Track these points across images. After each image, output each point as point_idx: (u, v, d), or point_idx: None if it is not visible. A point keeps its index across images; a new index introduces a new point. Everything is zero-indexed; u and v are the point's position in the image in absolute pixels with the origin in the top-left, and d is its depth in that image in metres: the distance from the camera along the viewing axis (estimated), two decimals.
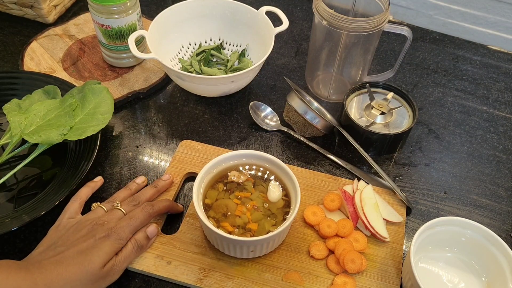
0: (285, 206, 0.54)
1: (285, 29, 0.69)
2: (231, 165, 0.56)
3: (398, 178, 0.64)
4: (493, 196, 0.63)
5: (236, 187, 0.55)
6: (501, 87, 0.78)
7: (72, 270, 0.46)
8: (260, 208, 0.53)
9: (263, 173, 0.56)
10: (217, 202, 0.53)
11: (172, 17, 0.72)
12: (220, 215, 0.52)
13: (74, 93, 0.62)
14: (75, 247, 0.47)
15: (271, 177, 0.56)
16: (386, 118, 0.66)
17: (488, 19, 0.86)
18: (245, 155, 0.56)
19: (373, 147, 0.65)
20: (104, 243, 0.48)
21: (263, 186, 0.55)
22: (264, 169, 0.56)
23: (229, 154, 0.55)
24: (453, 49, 0.83)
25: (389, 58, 0.81)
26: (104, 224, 0.50)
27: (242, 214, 0.53)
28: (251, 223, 0.52)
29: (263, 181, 0.55)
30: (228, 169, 0.56)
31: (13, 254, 0.53)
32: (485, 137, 0.70)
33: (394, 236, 0.56)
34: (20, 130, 0.58)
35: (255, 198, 0.54)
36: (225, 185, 0.55)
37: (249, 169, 0.56)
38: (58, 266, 0.45)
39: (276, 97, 0.73)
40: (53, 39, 0.77)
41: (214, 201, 0.53)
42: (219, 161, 0.55)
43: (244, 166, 0.56)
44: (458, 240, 0.54)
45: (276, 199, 0.54)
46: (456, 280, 0.53)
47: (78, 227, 0.50)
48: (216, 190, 0.54)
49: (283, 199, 0.54)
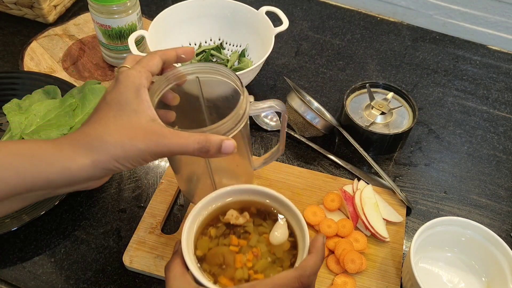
0: (291, 248, 0.44)
1: (285, 29, 0.69)
2: (225, 204, 0.46)
3: (398, 178, 0.64)
4: (493, 196, 0.63)
5: (232, 231, 0.44)
6: (501, 87, 0.78)
7: None
8: (264, 254, 0.43)
9: (263, 210, 0.46)
10: (210, 251, 0.43)
11: (172, 17, 0.71)
12: (216, 267, 0.42)
13: (74, 93, 0.62)
14: None
15: (274, 214, 0.45)
16: (386, 118, 0.66)
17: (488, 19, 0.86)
18: (240, 190, 0.46)
19: (373, 147, 0.65)
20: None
21: (264, 226, 0.45)
22: (263, 206, 0.46)
23: (222, 191, 0.45)
24: (453, 49, 0.83)
25: (389, 59, 0.81)
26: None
27: (242, 265, 0.43)
28: (256, 274, 0.42)
29: (263, 219, 0.45)
30: (221, 209, 0.45)
31: (13, 254, 0.53)
32: (485, 137, 0.70)
33: (394, 236, 0.56)
34: (20, 130, 0.58)
35: (256, 244, 0.44)
36: (217, 229, 0.44)
37: (247, 207, 0.46)
38: None
39: (276, 97, 0.73)
40: (53, 39, 0.77)
41: (206, 251, 0.43)
42: (210, 201, 0.44)
43: (241, 204, 0.46)
44: (458, 240, 0.54)
45: (282, 241, 0.44)
46: (456, 280, 0.53)
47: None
48: (207, 237, 0.44)
49: (289, 240, 0.44)
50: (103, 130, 0.38)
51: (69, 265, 0.53)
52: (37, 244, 0.54)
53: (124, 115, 0.38)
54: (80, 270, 0.53)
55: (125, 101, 0.39)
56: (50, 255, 0.54)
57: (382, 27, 0.87)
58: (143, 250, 0.53)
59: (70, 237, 0.55)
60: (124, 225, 0.57)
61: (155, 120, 0.39)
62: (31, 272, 0.52)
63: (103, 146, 0.37)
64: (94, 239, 0.55)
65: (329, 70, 0.78)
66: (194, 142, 0.38)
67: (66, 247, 0.54)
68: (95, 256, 0.54)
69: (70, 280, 0.52)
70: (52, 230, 0.56)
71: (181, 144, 0.38)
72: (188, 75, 0.46)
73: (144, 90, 0.40)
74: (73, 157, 0.37)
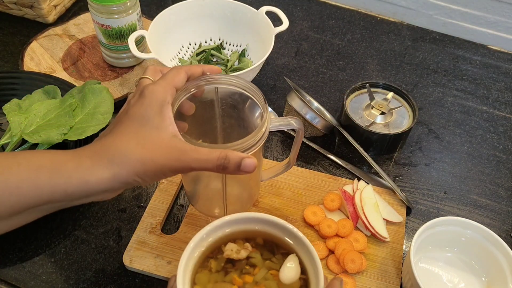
0: (302, 286, 0.39)
1: (285, 29, 0.69)
2: (228, 234, 0.41)
3: (398, 178, 0.64)
4: (493, 196, 0.63)
5: (234, 267, 0.40)
6: (501, 87, 0.78)
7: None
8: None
9: (271, 241, 0.42)
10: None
11: (172, 17, 0.71)
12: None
13: (74, 93, 0.62)
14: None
15: (284, 247, 0.41)
16: (386, 118, 0.65)
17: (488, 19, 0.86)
18: (244, 219, 0.41)
19: (373, 147, 0.65)
20: None
21: (273, 262, 0.40)
22: (270, 236, 0.41)
23: (224, 220, 0.40)
24: (453, 49, 0.83)
25: (389, 58, 0.81)
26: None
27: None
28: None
29: (271, 252, 0.41)
30: (223, 239, 0.41)
31: (12, 253, 0.53)
32: (485, 137, 0.70)
33: (394, 236, 0.56)
34: (20, 130, 0.58)
35: (262, 280, 0.39)
36: (218, 261, 0.40)
37: (252, 237, 0.42)
38: None
39: (276, 97, 0.73)
40: (53, 39, 0.77)
41: (206, 287, 0.39)
42: (211, 230, 0.40)
43: (246, 234, 0.42)
44: (458, 240, 0.54)
45: (293, 279, 0.39)
46: (456, 280, 0.53)
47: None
48: (207, 271, 0.39)
49: (300, 278, 0.39)
50: (124, 145, 0.38)
51: (69, 265, 0.53)
52: (37, 244, 0.54)
53: (146, 131, 0.38)
54: (80, 270, 0.53)
55: (148, 116, 0.39)
56: (50, 255, 0.54)
57: (382, 27, 0.87)
58: (143, 250, 0.53)
59: (70, 236, 0.55)
60: (124, 225, 0.57)
61: (176, 136, 0.39)
62: (31, 272, 0.52)
63: (124, 161, 0.37)
64: (94, 239, 0.55)
65: (329, 70, 0.78)
66: (214, 158, 0.38)
67: (66, 247, 0.54)
68: (95, 256, 0.54)
69: (70, 280, 0.52)
70: (52, 229, 0.56)
71: (201, 160, 0.38)
72: (209, 85, 0.45)
73: (167, 107, 0.40)
74: (92, 170, 0.37)
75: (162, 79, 0.42)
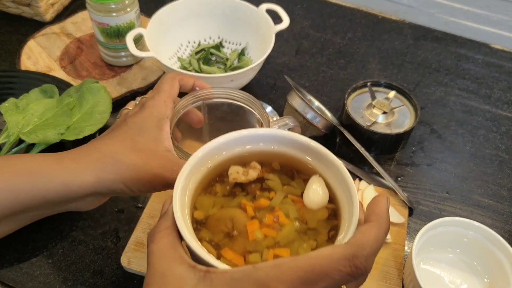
0: (330, 217, 0.33)
1: (286, 27, 0.68)
2: (237, 155, 0.34)
3: (399, 179, 0.64)
4: (495, 197, 0.62)
5: (245, 191, 0.33)
6: (504, 86, 0.77)
7: None
8: (292, 220, 0.32)
9: (290, 165, 0.35)
10: (214, 214, 0.32)
11: (171, 15, 0.71)
12: (221, 236, 0.31)
13: (71, 92, 0.62)
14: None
15: (306, 172, 0.34)
16: (387, 117, 0.65)
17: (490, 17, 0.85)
18: (258, 136, 0.34)
19: (374, 147, 0.64)
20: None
21: (292, 186, 0.34)
22: (290, 159, 0.35)
23: (235, 136, 0.33)
24: (455, 48, 0.83)
25: (391, 57, 0.80)
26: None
27: (259, 237, 0.31)
28: (278, 249, 0.30)
29: (290, 177, 0.34)
30: (230, 162, 0.34)
31: (9, 255, 0.53)
32: (487, 137, 0.70)
33: (395, 237, 0.56)
34: (17, 130, 0.57)
35: (280, 206, 0.32)
36: (224, 185, 0.34)
37: (267, 161, 0.35)
38: None
39: (276, 96, 0.72)
40: (50, 37, 0.76)
41: (209, 212, 0.32)
42: (215, 149, 0.33)
43: (260, 157, 0.35)
44: (460, 241, 0.53)
45: (319, 204, 0.32)
46: (458, 281, 0.52)
47: None
48: (212, 196, 0.33)
49: (327, 208, 0.33)
50: (118, 148, 0.37)
51: (67, 266, 0.52)
52: (34, 245, 0.54)
53: (142, 140, 0.38)
54: (78, 271, 0.52)
55: (147, 127, 0.39)
56: (48, 256, 0.53)
57: (383, 25, 0.86)
58: (141, 251, 0.53)
59: (67, 238, 0.55)
60: (122, 225, 0.56)
61: (170, 151, 0.39)
62: (29, 273, 0.52)
63: (114, 164, 0.36)
64: (92, 240, 0.55)
65: (330, 69, 0.78)
66: None
67: (64, 248, 0.54)
68: (93, 257, 0.53)
69: (67, 281, 0.51)
70: (49, 230, 0.55)
71: None
72: (218, 99, 0.45)
73: (166, 121, 0.40)
74: (75, 172, 0.36)
75: (161, 92, 0.42)
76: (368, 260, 0.26)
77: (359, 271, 0.25)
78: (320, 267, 0.25)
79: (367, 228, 0.28)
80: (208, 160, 0.34)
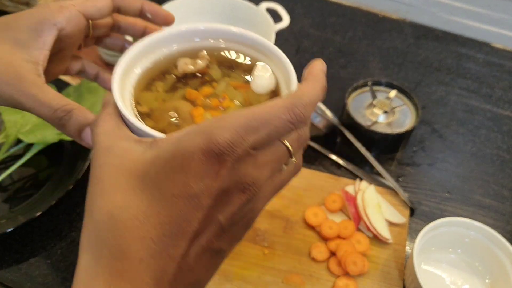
0: (272, 98, 0.33)
1: (286, 26, 0.68)
2: (179, 51, 0.34)
3: (400, 178, 0.63)
4: (496, 197, 0.62)
5: (188, 84, 0.33)
6: (505, 85, 0.77)
7: None
8: (236, 103, 0.32)
9: (230, 59, 0.35)
10: (158, 106, 0.32)
11: None
12: (165, 124, 0.31)
13: (70, 91, 0.61)
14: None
15: (246, 64, 0.35)
16: (388, 117, 0.64)
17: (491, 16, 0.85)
18: (200, 31, 0.34)
19: (375, 147, 0.64)
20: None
21: (233, 77, 0.34)
22: (237, 54, 0.35)
23: (172, 31, 0.33)
24: (456, 47, 0.82)
25: (391, 56, 0.80)
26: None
27: (204, 118, 0.31)
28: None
29: (230, 69, 0.35)
30: (170, 61, 0.34)
31: (8, 255, 0.52)
32: (488, 137, 0.69)
33: (396, 237, 0.55)
34: (16, 130, 0.57)
35: (224, 91, 0.33)
36: (166, 82, 0.33)
37: (211, 54, 0.35)
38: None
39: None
40: None
41: (153, 105, 0.32)
42: (155, 43, 0.33)
43: (202, 52, 0.34)
44: (462, 241, 0.53)
45: (266, 88, 0.33)
46: (460, 281, 0.52)
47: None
48: (154, 92, 0.32)
49: (271, 92, 0.33)
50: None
51: (66, 267, 0.52)
52: (33, 245, 0.53)
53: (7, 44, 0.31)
54: None
55: (15, 26, 0.31)
56: (46, 256, 0.53)
57: (384, 24, 0.85)
58: None
59: (66, 238, 0.54)
60: None
61: (35, 65, 0.31)
62: (27, 274, 0.51)
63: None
64: None
65: (330, 68, 0.77)
66: (55, 106, 0.31)
67: (63, 249, 0.53)
68: None
69: (66, 282, 0.51)
70: (48, 231, 0.55)
71: (40, 101, 0.31)
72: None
73: (50, 28, 0.31)
74: None
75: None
76: (307, 108, 0.27)
77: (298, 118, 0.27)
78: (261, 115, 0.26)
79: (304, 84, 0.29)
80: (146, 56, 0.33)
